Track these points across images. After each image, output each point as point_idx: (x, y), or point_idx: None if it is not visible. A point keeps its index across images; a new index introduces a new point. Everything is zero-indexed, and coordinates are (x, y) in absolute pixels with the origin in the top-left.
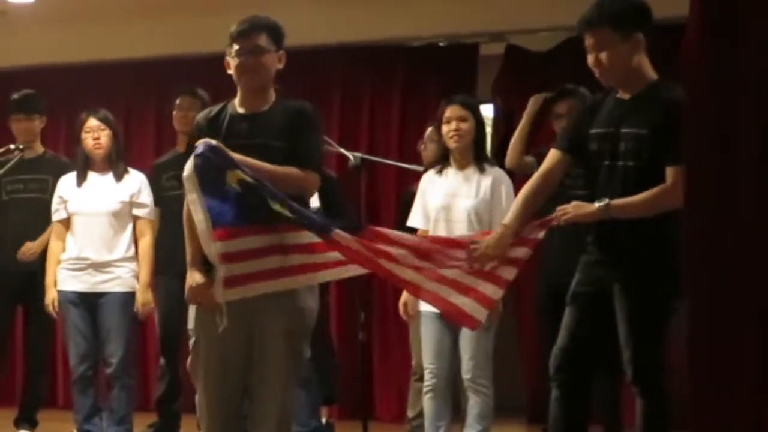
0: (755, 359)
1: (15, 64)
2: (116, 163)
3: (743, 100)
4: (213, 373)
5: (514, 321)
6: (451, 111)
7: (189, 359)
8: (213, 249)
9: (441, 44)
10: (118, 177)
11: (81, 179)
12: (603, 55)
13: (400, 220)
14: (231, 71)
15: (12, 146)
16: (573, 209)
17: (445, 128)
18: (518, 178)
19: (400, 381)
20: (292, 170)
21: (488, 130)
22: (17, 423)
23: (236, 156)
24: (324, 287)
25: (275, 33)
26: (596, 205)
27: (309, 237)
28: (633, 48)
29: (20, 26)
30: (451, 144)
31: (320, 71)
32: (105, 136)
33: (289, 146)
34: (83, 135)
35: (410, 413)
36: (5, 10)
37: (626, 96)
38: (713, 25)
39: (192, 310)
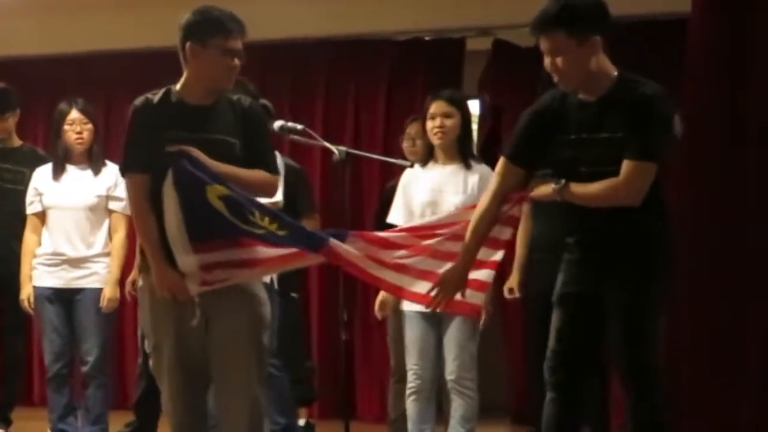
0: (757, 361)
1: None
2: (96, 156)
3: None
4: (176, 372)
5: (498, 322)
6: (436, 107)
7: (151, 361)
8: (191, 261)
9: (427, 38)
10: (96, 171)
11: (58, 172)
12: (559, 61)
13: (380, 216)
14: (196, 61)
15: None
16: (535, 188)
17: (429, 124)
18: None
19: (384, 381)
20: (261, 174)
21: (474, 126)
22: None
23: (212, 163)
24: (296, 286)
25: (245, 34)
26: (553, 185)
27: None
28: (590, 51)
29: (1, 15)
30: (435, 140)
31: (305, 65)
32: (87, 131)
33: (243, 145)
34: (65, 128)
35: (392, 415)
36: None
37: (591, 98)
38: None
39: (146, 313)
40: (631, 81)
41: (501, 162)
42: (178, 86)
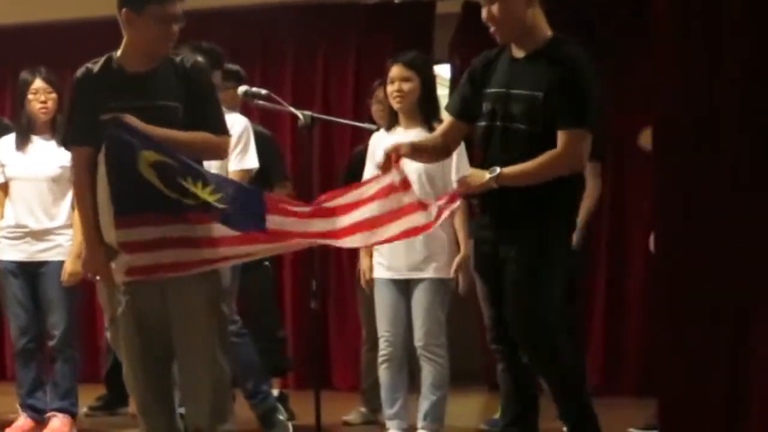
0: (727, 359)
1: None
2: (60, 127)
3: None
4: (135, 344)
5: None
6: (394, 71)
7: (109, 333)
8: (113, 236)
9: (396, 1)
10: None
11: (22, 143)
12: (494, 8)
13: (348, 181)
14: (132, 28)
15: None
16: (467, 182)
17: (389, 88)
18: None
19: (358, 349)
20: (206, 136)
21: (446, 91)
22: None
23: (149, 129)
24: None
25: None
26: (487, 175)
27: (221, 230)
28: (526, 1)
29: None
30: (395, 104)
31: (273, 30)
32: (51, 100)
33: (188, 108)
34: (29, 97)
35: (364, 384)
36: None
37: (520, 54)
38: None
39: (101, 285)
40: (561, 41)
41: (444, 114)
42: (118, 53)
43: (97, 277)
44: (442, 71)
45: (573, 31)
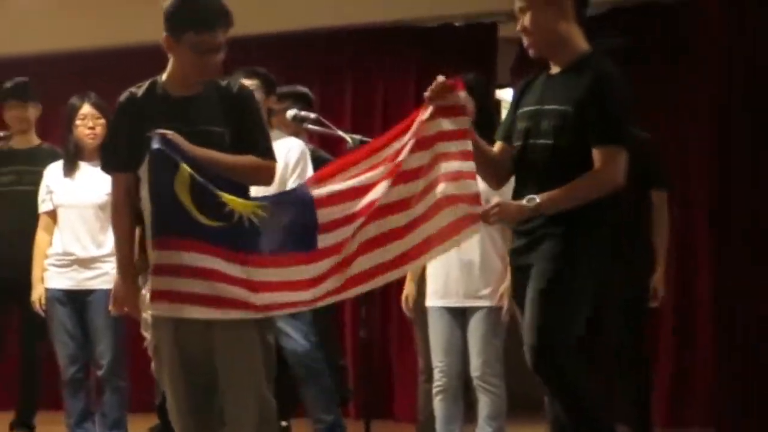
0: None
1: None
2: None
3: None
4: (178, 374)
5: None
6: None
7: (152, 363)
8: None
9: (458, 24)
10: None
11: (69, 169)
12: (526, 19)
13: None
14: (173, 53)
15: None
16: (499, 209)
17: None
18: None
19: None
20: (252, 160)
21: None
22: (13, 426)
23: (193, 148)
24: None
25: (230, 25)
26: (524, 203)
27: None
28: (559, 13)
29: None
30: None
31: (334, 53)
32: (99, 126)
33: (235, 133)
34: (77, 122)
35: (420, 416)
36: None
37: (556, 70)
38: None
39: (146, 314)
40: (594, 56)
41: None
42: (163, 77)
43: (125, 309)
44: (506, 95)
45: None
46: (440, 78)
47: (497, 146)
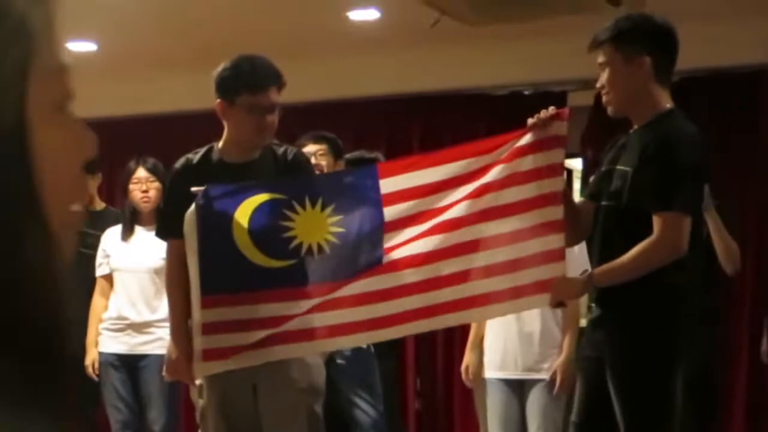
0: None
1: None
2: (158, 217)
3: None
4: None
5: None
6: None
7: (199, 429)
8: (197, 317)
9: (526, 92)
10: None
11: (126, 233)
12: (605, 76)
13: None
14: (227, 118)
15: None
16: (556, 287)
17: None
18: None
19: None
20: None
21: (578, 184)
22: None
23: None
24: (392, 346)
25: (282, 85)
26: (578, 276)
27: (309, 303)
28: (636, 72)
29: (82, 77)
30: None
31: (401, 120)
32: (154, 189)
33: None
34: (131, 186)
35: None
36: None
37: (635, 128)
38: None
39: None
40: (669, 115)
41: None
42: (219, 143)
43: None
44: (575, 164)
45: None
46: (551, 108)
47: (581, 202)
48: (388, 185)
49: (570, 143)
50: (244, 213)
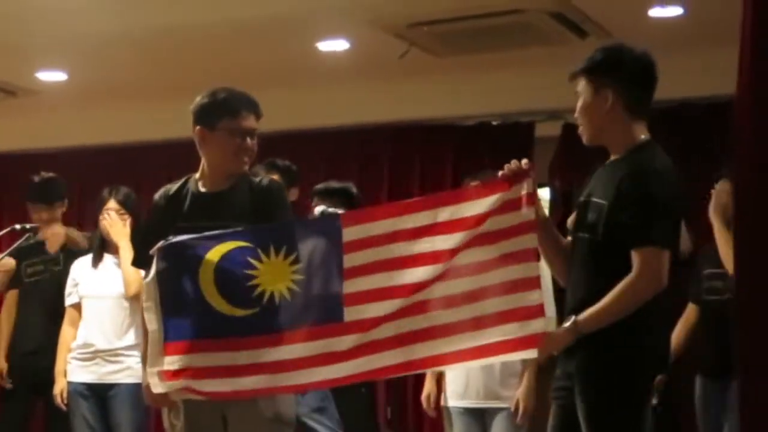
0: None
1: (48, 146)
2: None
3: None
4: None
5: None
6: None
7: None
8: (158, 364)
9: (494, 123)
10: None
11: (95, 261)
12: (579, 103)
13: None
14: (207, 145)
15: (18, 226)
16: (545, 343)
17: None
18: None
19: None
20: None
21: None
22: None
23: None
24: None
25: (260, 114)
26: (565, 326)
27: (288, 352)
28: (604, 104)
29: (52, 106)
30: None
31: (370, 149)
32: (122, 221)
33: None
34: (101, 216)
35: None
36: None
37: (611, 159)
38: None
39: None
40: (643, 148)
41: None
42: (197, 174)
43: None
44: (543, 194)
45: None
46: (524, 161)
47: (569, 238)
48: (350, 233)
49: (538, 173)
50: (210, 262)
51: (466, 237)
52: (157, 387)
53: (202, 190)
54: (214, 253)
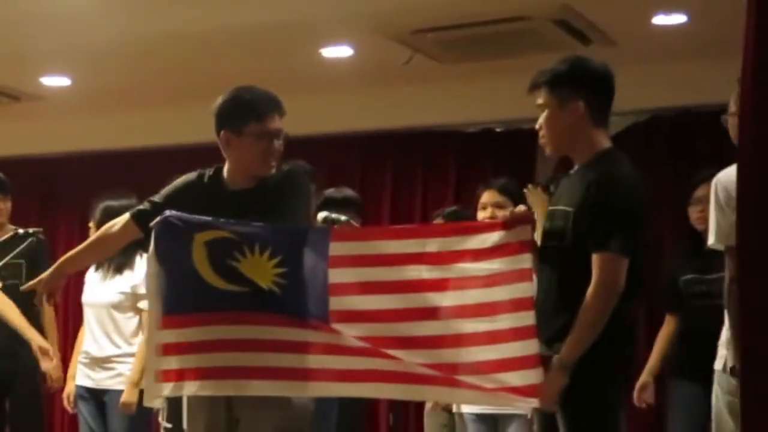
0: None
1: (51, 151)
2: (128, 253)
3: None
4: None
5: None
6: (487, 196)
7: None
8: (156, 338)
9: (498, 129)
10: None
11: (96, 266)
12: (542, 118)
13: None
14: (233, 149)
15: (21, 231)
16: (543, 393)
17: (480, 215)
18: None
19: None
20: None
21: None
22: None
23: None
24: None
25: (284, 112)
26: (555, 366)
27: (286, 333)
28: (570, 117)
29: (56, 112)
30: None
31: (371, 157)
32: None
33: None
34: (89, 224)
35: None
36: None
37: (575, 168)
38: None
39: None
40: (605, 156)
41: None
42: (224, 171)
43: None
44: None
45: None
46: (520, 207)
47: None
48: (337, 248)
49: (542, 181)
50: (200, 242)
51: (456, 272)
52: (153, 389)
53: (231, 188)
54: (205, 235)
